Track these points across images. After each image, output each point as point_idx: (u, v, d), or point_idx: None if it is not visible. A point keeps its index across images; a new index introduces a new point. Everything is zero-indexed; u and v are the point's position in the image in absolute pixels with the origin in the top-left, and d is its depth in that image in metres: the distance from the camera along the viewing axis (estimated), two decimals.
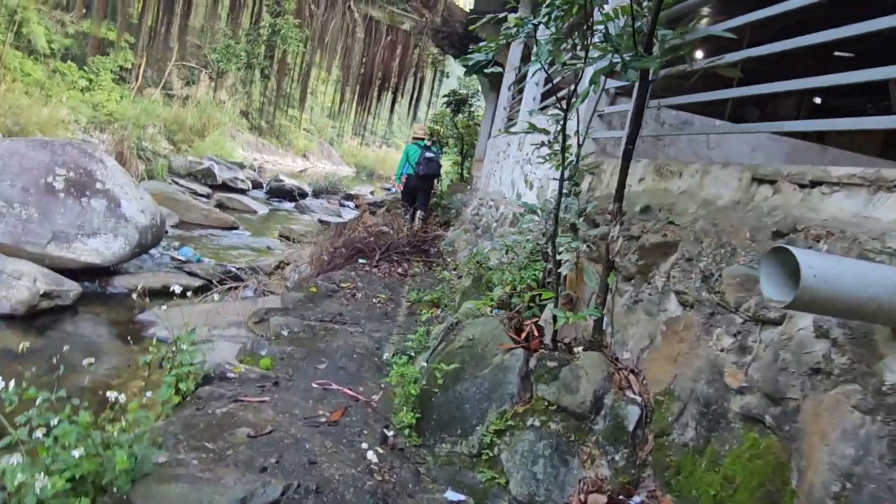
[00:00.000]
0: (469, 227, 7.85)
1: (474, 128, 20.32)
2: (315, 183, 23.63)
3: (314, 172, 44.32)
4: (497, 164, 9.13)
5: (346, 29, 11.10)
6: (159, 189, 12.05)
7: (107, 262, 7.18)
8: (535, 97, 7.48)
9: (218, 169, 19.73)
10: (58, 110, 22.42)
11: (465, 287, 4.57)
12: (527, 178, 6.30)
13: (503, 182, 7.95)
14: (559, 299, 2.72)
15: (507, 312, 3.11)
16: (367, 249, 6.41)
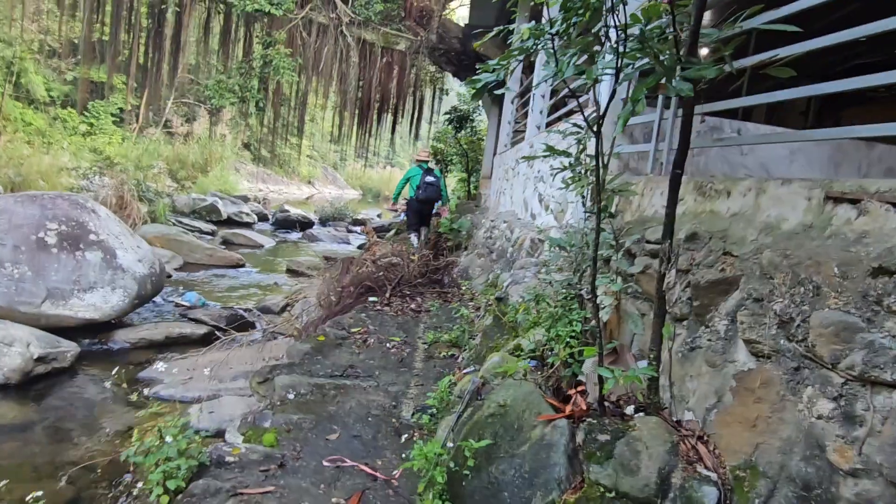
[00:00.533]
0: (482, 252, 7.45)
1: (478, 143, 20.01)
2: (321, 210, 23.38)
3: (320, 199, 44.25)
4: (506, 182, 8.74)
5: (340, 54, 10.82)
6: (161, 232, 11.76)
7: (106, 317, 6.83)
8: (541, 110, 7.10)
9: (222, 204, 19.51)
10: (59, 158, 22.37)
11: (486, 326, 4.15)
12: (541, 197, 5.90)
13: (515, 201, 7.56)
14: (603, 354, 2.30)
15: (541, 373, 2.68)
16: (377, 286, 6.02)
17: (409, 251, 7.87)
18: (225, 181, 25.55)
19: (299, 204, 35.98)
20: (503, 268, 6.19)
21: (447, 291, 6.55)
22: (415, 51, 11.20)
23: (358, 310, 5.36)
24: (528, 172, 6.82)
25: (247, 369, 6.08)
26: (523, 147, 7.48)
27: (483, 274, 6.88)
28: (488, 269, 6.85)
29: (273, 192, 41.95)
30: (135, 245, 7.21)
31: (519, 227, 6.01)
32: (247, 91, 9.70)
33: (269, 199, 28.45)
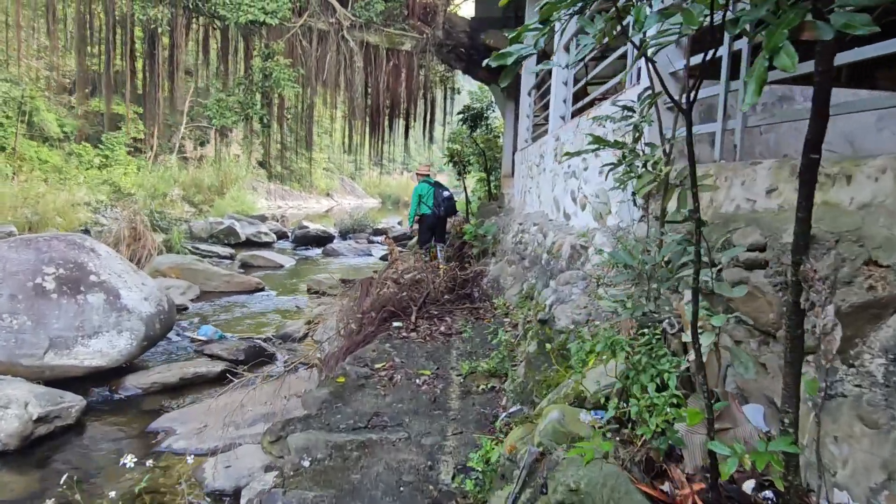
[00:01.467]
0: (513, 258, 6.81)
1: (494, 141, 19.35)
2: (340, 223, 22.94)
3: (340, 210, 43.95)
4: (531, 179, 8.09)
5: (344, 60, 10.28)
6: (175, 262, 11.34)
7: (114, 363, 6.35)
8: (564, 99, 6.44)
9: (239, 226, 19.15)
10: (75, 193, 22.26)
11: (530, 354, 3.53)
12: (574, 195, 5.25)
13: (543, 200, 6.91)
14: (712, 418, 1.65)
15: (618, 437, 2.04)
16: (401, 308, 5.43)
17: (433, 262, 7.27)
18: (242, 202, 25.27)
19: (319, 217, 35.68)
20: (538, 276, 5.55)
21: (478, 307, 5.93)
22: (421, 49, 10.61)
23: (381, 339, 4.77)
24: (556, 168, 6.17)
25: (265, 411, 5.54)
26: (547, 140, 6.83)
27: (516, 284, 6.24)
28: (521, 278, 6.22)
29: (292, 209, 41.76)
30: (139, 283, 6.72)
31: (553, 231, 5.37)
32: (248, 108, 9.20)
33: (287, 217, 28.12)
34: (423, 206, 9.39)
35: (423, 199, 9.39)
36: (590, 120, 4.86)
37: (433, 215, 9.50)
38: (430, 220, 9.52)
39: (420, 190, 9.34)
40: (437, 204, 9.54)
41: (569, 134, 5.68)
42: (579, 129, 5.17)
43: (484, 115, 16.70)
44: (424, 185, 9.46)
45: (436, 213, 9.55)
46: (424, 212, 9.41)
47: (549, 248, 5.22)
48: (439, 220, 9.71)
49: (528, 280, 5.88)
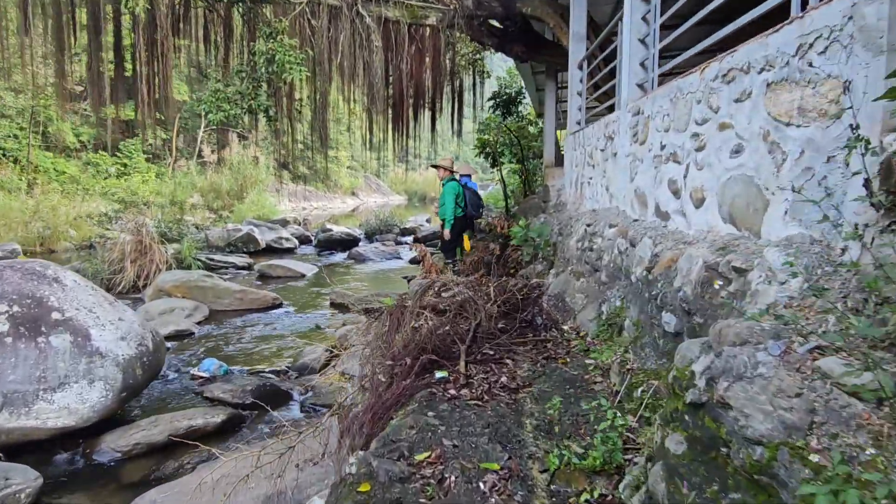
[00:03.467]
0: (580, 269, 5.34)
1: (526, 129, 17.79)
2: (366, 224, 21.65)
3: (366, 209, 42.85)
4: (591, 168, 6.60)
5: (360, 41, 8.89)
6: (181, 279, 10.11)
7: (85, 422, 5.07)
8: (644, 60, 4.94)
9: (259, 232, 18.01)
10: (89, 204, 21.39)
11: (673, 455, 2.09)
12: (679, 187, 3.76)
13: (616, 193, 5.42)
14: None
15: None
16: (444, 347, 4.01)
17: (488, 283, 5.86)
18: (262, 206, 24.19)
19: (345, 217, 34.54)
20: (629, 299, 4.08)
21: (544, 338, 4.47)
22: (448, 24, 9.14)
23: (421, 401, 3.38)
24: (639, 151, 4.68)
25: (269, 492, 4.20)
26: (619, 118, 5.34)
27: (590, 304, 4.78)
28: (596, 297, 4.75)
29: (317, 209, 40.81)
30: (115, 317, 5.43)
31: (648, 237, 3.90)
32: (251, 99, 7.88)
33: (310, 219, 27.00)
34: (457, 209, 8.01)
35: (458, 199, 8.01)
36: (707, 79, 3.38)
37: (465, 218, 8.14)
38: (462, 223, 8.14)
39: (456, 188, 7.94)
40: (467, 204, 8.19)
41: (660, 104, 4.19)
42: (685, 95, 3.68)
43: (518, 100, 15.21)
44: (454, 184, 8.08)
45: (472, 214, 8.19)
46: (458, 214, 8.05)
47: (646, 261, 3.75)
48: (468, 221, 8.36)
49: (610, 301, 4.41)
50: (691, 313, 2.90)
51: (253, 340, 8.44)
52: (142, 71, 9.48)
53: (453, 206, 7.89)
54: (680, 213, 3.78)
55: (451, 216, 7.95)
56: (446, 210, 7.98)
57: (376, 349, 4.31)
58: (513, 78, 18.34)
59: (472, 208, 8.00)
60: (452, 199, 7.88)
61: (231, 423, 5.64)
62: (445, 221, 8.12)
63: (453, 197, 7.87)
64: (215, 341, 8.32)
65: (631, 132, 4.93)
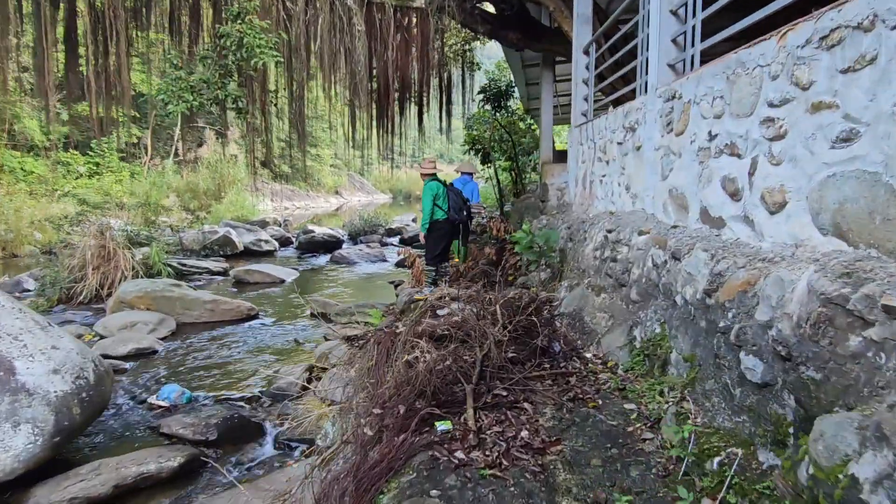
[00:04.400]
0: (600, 283, 4.55)
1: (517, 123, 17.00)
2: (350, 224, 20.72)
3: (350, 208, 41.86)
4: (602, 164, 5.82)
5: (340, 25, 8.03)
6: (145, 289, 9.18)
7: (8, 475, 4.19)
8: (676, 36, 4.16)
9: (236, 234, 17.06)
10: (57, 205, 20.30)
11: None
12: (736, 184, 2.99)
13: (639, 193, 4.64)
14: None
15: None
16: (445, 388, 3.20)
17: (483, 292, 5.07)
18: (241, 206, 23.16)
19: (328, 217, 33.58)
20: (674, 325, 3.30)
21: (567, 371, 3.67)
22: (438, 7, 8.31)
23: (420, 470, 2.58)
24: (674, 143, 3.90)
25: None
26: (644, 105, 4.56)
27: (617, 326, 3.99)
28: (624, 317, 3.97)
29: (299, 209, 39.76)
30: (47, 346, 4.55)
31: (700, 248, 3.11)
32: (217, 88, 6.98)
33: (291, 220, 26.03)
34: (437, 210, 7.15)
35: (438, 200, 7.15)
36: (790, 46, 2.59)
37: (448, 222, 7.26)
38: (445, 227, 7.27)
39: (432, 189, 7.09)
40: (454, 207, 7.34)
41: (708, 85, 3.40)
42: (749, 71, 2.90)
43: (509, 93, 14.42)
44: (435, 184, 7.23)
45: (453, 218, 7.33)
46: (438, 217, 7.17)
47: (701, 280, 2.96)
48: (454, 228, 7.48)
49: (645, 325, 3.63)
50: (795, 361, 2.11)
51: (224, 359, 7.57)
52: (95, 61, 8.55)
53: (430, 207, 7.03)
54: (742, 219, 3.00)
55: (426, 219, 7.08)
56: (423, 211, 7.15)
57: (361, 389, 3.49)
58: (502, 71, 17.57)
59: (454, 211, 7.15)
60: (430, 200, 7.01)
61: (190, 467, 4.78)
62: (421, 224, 7.28)
63: (431, 198, 7.01)
64: (181, 360, 7.44)
65: (662, 121, 4.14)
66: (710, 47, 3.68)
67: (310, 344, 8.05)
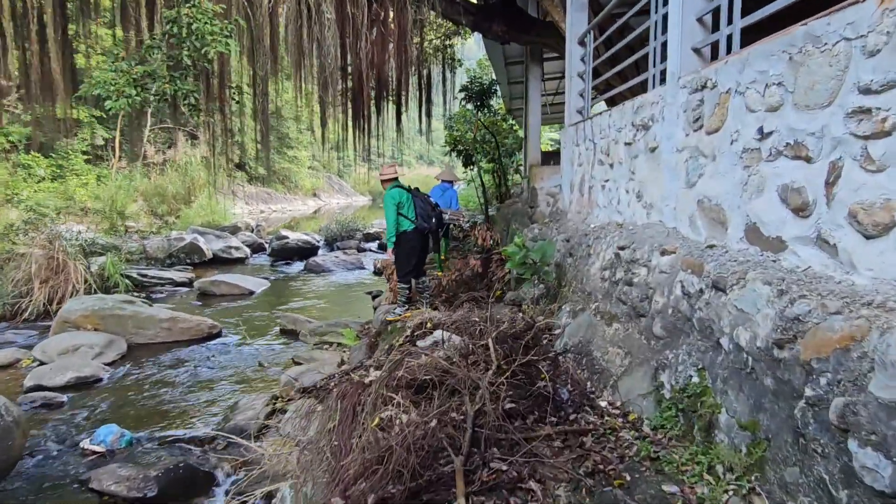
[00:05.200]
0: (613, 310, 3.82)
1: (501, 124, 16.29)
2: (326, 229, 19.82)
3: (328, 210, 40.85)
4: (604, 167, 5.11)
5: (308, 13, 7.22)
6: (92, 307, 8.27)
7: None
8: (703, 14, 3.45)
9: (204, 241, 16.14)
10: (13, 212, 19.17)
11: None
12: (804, 195, 2.28)
13: (656, 203, 3.92)
14: None
15: None
16: (428, 463, 2.45)
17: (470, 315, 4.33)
18: (212, 211, 22.17)
19: (307, 220, 32.58)
20: (721, 375, 2.59)
21: (579, 429, 2.93)
22: None
23: None
24: (705, 143, 3.18)
25: None
26: (662, 98, 3.84)
27: (637, 367, 3.26)
28: (646, 356, 3.24)
29: (276, 212, 38.71)
30: None
31: (759, 280, 2.38)
32: (165, 82, 6.13)
33: (264, 225, 25.02)
34: (403, 221, 6.33)
35: (403, 209, 6.34)
36: None
37: (417, 232, 6.47)
38: (414, 239, 6.48)
39: (395, 197, 6.29)
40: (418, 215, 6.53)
41: (757, 69, 2.69)
42: (824, 49, 2.19)
43: (492, 91, 13.71)
44: (397, 191, 6.41)
45: (422, 227, 6.53)
46: (405, 228, 6.35)
47: (763, 323, 2.23)
48: (424, 238, 6.66)
49: (675, 368, 2.91)
50: None
51: (177, 387, 6.73)
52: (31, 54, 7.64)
53: (395, 218, 6.19)
54: (814, 242, 2.28)
55: (391, 232, 6.25)
56: (387, 224, 6.32)
57: (320, 456, 2.71)
58: (483, 70, 16.86)
59: (422, 219, 6.35)
60: (393, 210, 6.18)
61: None
62: (387, 239, 6.44)
63: (394, 207, 6.18)
64: (127, 390, 6.59)
65: (688, 116, 3.43)
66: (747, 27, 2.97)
67: (275, 368, 7.24)
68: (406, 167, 62.07)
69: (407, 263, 6.50)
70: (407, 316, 6.44)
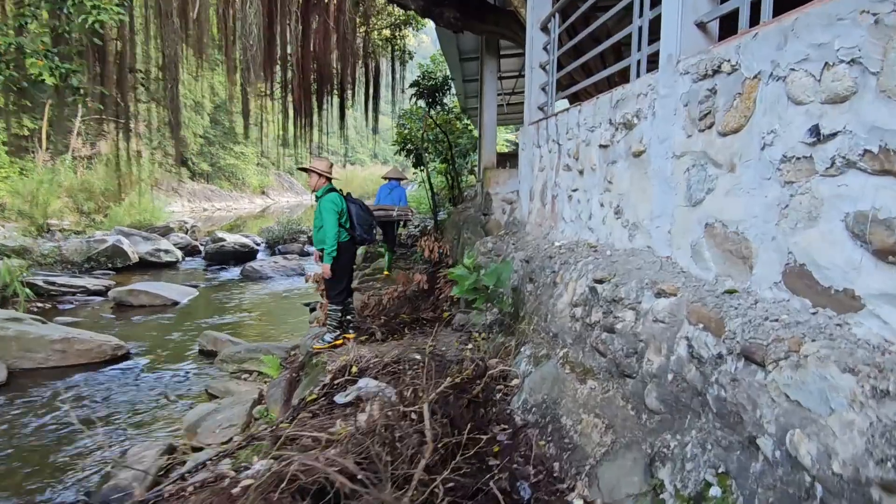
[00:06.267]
0: (587, 361, 2.95)
1: (454, 123, 15.42)
2: (267, 232, 18.52)
3: (277, 209, 39.23)
4: (572, 174, 4.25)
5: None
6: None
7: None
8: None
9: (129, 243, 14.73)
10: None
11: None
12: None
13: (640, 223, 3.08)
14: None
15: None
16: None
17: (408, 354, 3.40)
18: (145, 209, 20.58)
19: (253, 219, 30.97)
20: (754, 489, 1.70)
21: None
22: None
23: None
24: (716, 147, 2.34)
25: None
26: (662, 87, 2.98)
27: (623, 452, 2.40)
28: (632, 435, 2.39)
29: (220, 210, 36.96)
30: None
31: (823, 359, 1.58)
32: (38, 56, 4.96)
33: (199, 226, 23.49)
34: (341, 231, 5.35)
35: (342, 218, 5.36)
36: None
37: (353, 244, 5.52)
38: (350, 253, 5.52)
39: (338, 202, 5.31)
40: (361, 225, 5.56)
41: (810, 43, 1.85)
42: None
43: (445, 88, 12.81)
44: (334, 196, 5.42)
45: (362, 239, 5.57)
46: (342, 239, 5.36)
47: (854, 442, 1.43)
48: (357, 246, 5.73)
49: (681, 462, 2.07)
50: None
51: (59, 428, 5.58)
52: None
53: (335, 227, 5.19)
54: None
55: (332, 242, 5.23)
56: (326, 234, 5.26)
57: None
58: (438, 65, 15.95)
59: (360, 230, 5.37)
60: (334, 217, 5.16)
61: None
62: (325, 253, 5.38)
63: (334, 215, 5.17)
64: None
65: (691, 111, 2.58)
66: None
67: (183, 402, 6.15)
68: (359, 165, 60.65)
69: (340, 281, 5.52)
70: (338, 344, 5.48)
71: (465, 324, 5.49)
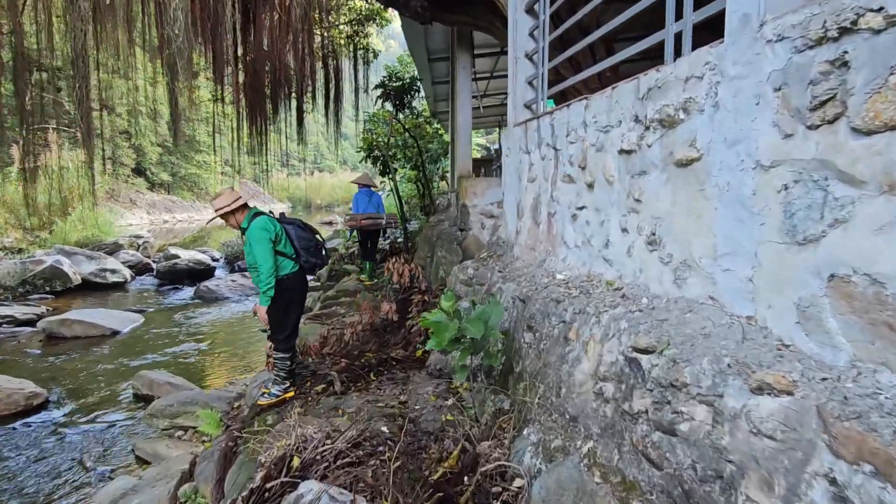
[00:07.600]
0: (627, 469, 2.02)
1: (424, 127, 14.46)
2: (226, 247, 17.26)
3: None
4: (574, 187, 3.31)
5: None
6: None
7: None
8: None
9: (71, 263, 13.43)
10: None
11: None
12: None
13: (695, 263, 2.14)
14: None
15: None
16: None
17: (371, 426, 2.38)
18: (94, 224, 19.15)
19: (217, 230, 29.50)
20: None
21: None
22: None
23: None
24: (837, 154, 1.43)
25: None
26: (727, 68, 2.04)
27: None
28: None
29: (182, 222, 35.40)
30: None
31: None
32: None
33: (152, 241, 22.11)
34: (283, 261, 4.35)
35: (279, 245, 4.35)
36: None
37: (301, 274, 4.53)
38: (297, 284, 4.51)
39: (270, 227, 4.31)
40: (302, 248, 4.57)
41: None
42: None
43: (413, 90, 11.85)
44: (267, 219, 4.39)
45: (310, 264, 4.57)
46: (285, 272, 4.35)
47: None
48: (306, 283, 4.72)
49: None
50: None
51: None
52: None
53: (271, 259, 4.17)
54: None
55: (268, 279, 4.23)
56: (261, 268, 4.24)
57: None
58: (405, 67, 15.00)
59: (306, 254, 4.38)
60: (267, 247, 4.15)
61: None
62: (261, 292, 4.33)
63: (267, 244, 4.16)
64: None
65: (793, 100, 1.66)
66: None
67: (102, 469, 5.05)
68: (328, 172, 59.29)
69: (285, 322, 4.51)
70: (288, 396, 4.48)
71: (443, 367, 4.53)
